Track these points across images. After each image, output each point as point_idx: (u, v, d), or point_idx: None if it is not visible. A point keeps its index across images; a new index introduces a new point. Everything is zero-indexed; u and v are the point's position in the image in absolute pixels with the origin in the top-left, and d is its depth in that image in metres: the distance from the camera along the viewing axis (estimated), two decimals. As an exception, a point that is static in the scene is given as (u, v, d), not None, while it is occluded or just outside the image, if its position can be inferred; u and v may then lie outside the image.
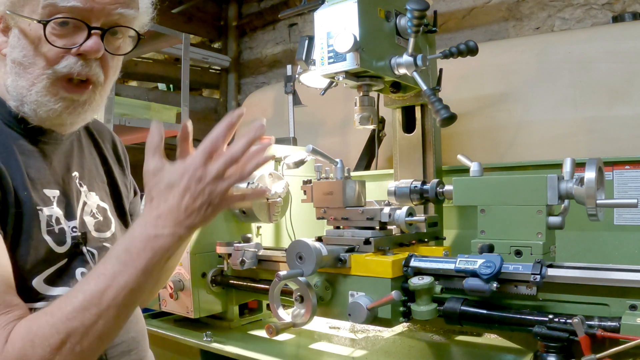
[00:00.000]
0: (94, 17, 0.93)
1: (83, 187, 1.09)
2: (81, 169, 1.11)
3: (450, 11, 3.18)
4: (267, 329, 1.31)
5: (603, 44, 1.88)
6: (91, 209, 1.09)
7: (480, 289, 1.11)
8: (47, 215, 0.97)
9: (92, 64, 0.96)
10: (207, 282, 1.64)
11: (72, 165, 1.09)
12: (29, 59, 0.94)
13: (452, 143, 1.95)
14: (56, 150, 1.05)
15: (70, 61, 0.94)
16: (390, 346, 1.44)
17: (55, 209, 1.00)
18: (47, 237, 0.96)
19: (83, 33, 0.93)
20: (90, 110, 1.01)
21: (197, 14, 4.59)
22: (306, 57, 1.63)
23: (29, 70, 0.94)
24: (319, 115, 2.68)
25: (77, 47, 0.93)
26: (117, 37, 1.00)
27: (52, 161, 1.04)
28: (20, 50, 0.94)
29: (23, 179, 0.94)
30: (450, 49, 1.42)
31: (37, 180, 0.98)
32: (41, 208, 0.96)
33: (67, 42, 0.93)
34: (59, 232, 0.99)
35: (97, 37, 0.94)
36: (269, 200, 1.72)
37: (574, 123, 1.88)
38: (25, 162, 0.97)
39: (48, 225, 0.97)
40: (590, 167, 1.12)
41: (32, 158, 0.99)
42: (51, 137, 1.04)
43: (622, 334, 0.98)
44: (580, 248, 1.58)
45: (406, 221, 1.36)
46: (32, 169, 0.98)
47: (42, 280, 0.94)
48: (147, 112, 3.30)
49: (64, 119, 0.99)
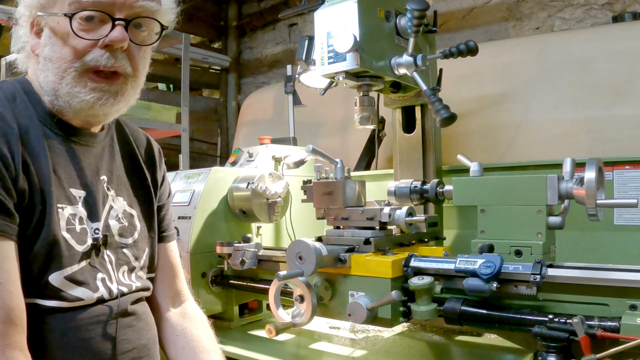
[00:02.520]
0: (116, 9, 0.97)
1: (110, 192, 1.11)
2: (110, 174, 1.12)
3: (450, 11, 3.18)
4: (267, 329, 1.32)
5: (603, 44, 1.88)
6: (117, 214, 1.10)
7: (480, 289, 1.11)
8: (69, 214, 0.99)
9: (119, 55, 0.99)
10: (207, 282, 1.64)
11: (102, 170, 1.10)
12: (58, 54, 0.98)
13: (452, 143, 1.95)
14: (87, 152, 1.07)
15: (97, 54, 0.97)
16: (390, 346, 1.44)
17: (80, 208, 1.02)
18: (66, 234, 0.97)
19: (107, 25, 0.97)
20: (122, 101, 1.04)
21: (197, 14, 4.59)
22: (306, 57, 1.63)
23: (58, 64, 0.98)
24: (319, 115, 2.68)
25: (103, 38, 0.97)
26: (141, 30, 1.04)
27: (82, 162, 1.06)
28: (50, 47, 0.99)
29: (49, 175, 0.96)
30: (450, 49, 1.42)
31: (64, 179, 1.00)
32: (62, 206, 0.98)
33: (94, 35, 0.97)
34: (80, 231, 1.00)
35: (121, 28, 0.97)
36: (269, 200, 1.72)
37: (574, 123, 1.88)
38: (54, 160, 0.99)
39: (68, 223, 0.99)
40: (590, 167, 1.12)
41: (61, 157, 1.01)
42: (83, 139, 1.07)
43: (622, 334, 0.98)
44: (580, 248, 1.58)
45: (406, 221, 1.36)
46: (60, 167, 1.00)
47: (63, 277, 0.96)
48: (147, 112, 3.30)
49: (96, 109, 1.01)
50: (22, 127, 0.96)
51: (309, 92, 2.13)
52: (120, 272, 1.08)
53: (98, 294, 1.00)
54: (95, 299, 1.00)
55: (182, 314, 1.24)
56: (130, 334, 1.06)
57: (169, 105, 3.49)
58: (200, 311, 1.28)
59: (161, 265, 1.23)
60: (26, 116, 0.99)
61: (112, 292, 1.03)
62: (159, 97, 4.27)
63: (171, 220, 1.31)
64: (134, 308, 1.08)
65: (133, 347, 1.06)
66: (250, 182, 1.69)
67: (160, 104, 3.44)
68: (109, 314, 1.02)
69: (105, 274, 1.03)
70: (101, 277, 1.02)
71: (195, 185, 1.68)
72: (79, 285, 0.98)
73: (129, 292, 1.08)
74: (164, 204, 1.27)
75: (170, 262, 1.26)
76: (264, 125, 2.98)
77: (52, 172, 0.98)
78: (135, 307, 1.09)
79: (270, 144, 1.97)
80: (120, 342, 1.03)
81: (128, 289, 1.08)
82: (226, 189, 1.73)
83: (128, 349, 1.04)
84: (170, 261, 1.26)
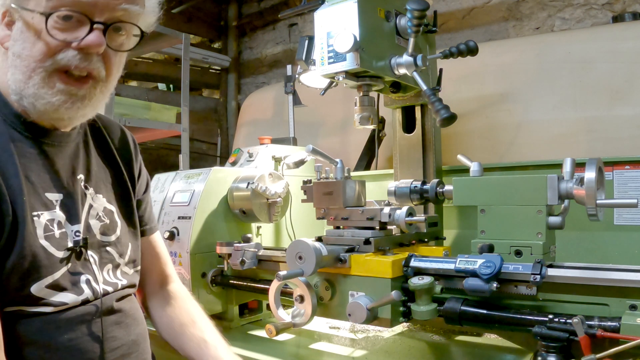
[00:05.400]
0: (97, 12, 0.92)
1: (89, 190, 1.08)
2: (87, 172, 1.09)
3: (450, 11, 3.18)
4: (267, 329, 1.32)
5: (603, 44, 1.88)
6: (97, 212, 1.08)
7: (480, 289, 1.11)
8: (47, 220, 0.96)
9: (93, 58, 0.95)
10: (207, 282, 1.64)
11: (78, 168, 1.07)
12: (28, 51, 0.93)
13: (452, 143, 1.94)
14: (60, 152, 1.04)
15: (69, 54, 0.92)
16: (390, 346, 1.44)
17: (57, 212, 0.99)
18: (45, 242, 0.95)
19: (85, 27, 0.92)
20: (90, 106, 0.99)
21: (197, 14, 4.59)
22: (306, 57, 1.63)
23: (27, 62, 0.93)
24: (319, 115, 2.68)
25: (77, 41, 0.92)
26: (120, 34, 0.98)
27: (56, 164, 1.02)
28: (21, 43, 0.94)
29: (20, 183, 0.93)
30: (450, 49, 1.42)
31: (38, 184, 0.97)
32: (38, 213, 0.95)
33: (69, 35, 0.92)
34: (59, 236, 0.98)
35: (99, 32, 0.93)
36: (269, 200, 1.72)
37: (574, 123, 1.88)
38: (24, 166, 0.95)
39: (46, 230, 0.96)
40: (590, 167, 1.12)
41: (33, 161, 0.98)
42: (54, 139, 1.03)
43: (622, 334, 0.98)
44: (580, 248, 1.58)
45: (406, 221, 1.36)
46: (33, 172, 0.97)
47: (44, 286, 0.93)
48: (147, 112, 3.30)
49: (61, 113, 0.97)
50: None
51: (309, 92, 2.13)
52: (105, 270, 1.06)
53: (83, 296, 0.99)
54: (80, 301, 0.98)
55: (166, 295, 1.26)
56: (118, 331, 1.05)
57: (169, 105, 3.50)
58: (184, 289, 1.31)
59: (147, 257, 1.24)
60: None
61: (97, 292, 1.02)
62: (159, 97, 4.28)
63: (152, 212, 1.30)
64: (120, 305, 1.07)
65: (122, 344, 1.05)
66: (250, 182, 1.68)
67: (160, 104, 3.45)
68: (94, 313, 1.01)
69: (89, 275, 1.02)
70: (85, 279, 1.01)
71: (195, 185, 1.68)
72: (62, 291, 0.96)
73: (114, 290, 1.06)
74: (142, 198, 1.25)
75: (156, 251, 1.28)
76: (264, 125, 2.98)
77: (25, 178, 0.94)
78: (121, 303, 1.08)
79: (270, 144, 1.97)
80: (108, 339, 1.02)
81: (114, 287, 1.06)
82: (226, 189, 1.73)
83: (116, 347, 1.04)
84: (156, 251, 1.28)
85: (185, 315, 1.22)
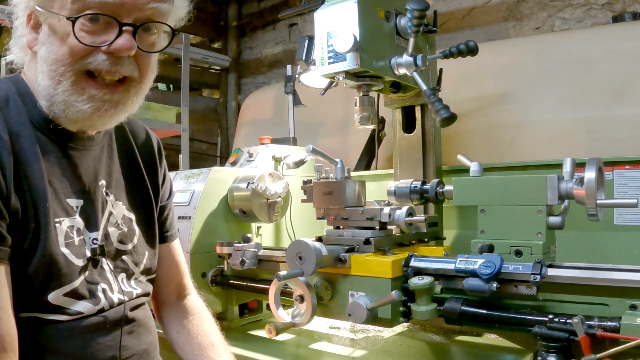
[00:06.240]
0: (125, 13, 0.89)
1: (110, 197, 1.06)
2: (109, 177, 1.07)
3: (450, 11, 3.18)
4: (267, 329, 1.32)
5: (603, 44, 1.88)
6: (116, 220, 1.06)
7: (480, 289, 1.11)
8: (67, 227, 0.95)
9: (125, 61, 0.91)
10: (207, 282, 1.64)
11: (100, 173, 1.05)
12: (54, 55, 0.90)
13: (452, 143, 1.94)
14: (84, 157, 1.01)
15: (99, 58, 0.90)
16: (390, 346, 1.44)
17: (77, 219, 0.97)
18: (65, 250, 0.93)
19: (114, 30, 0.89)
20: (123, 111, 0.96)
21: (197, 14, 4.54)
22: (306, 57, 1.63)
23: (54, 67, 0.90)
24: (319, 115, 2.68)
25: (107, 45, 0.89)
26: (150, 33, 0.95)
27: (79, 169, 1.00)
28: (48, 46, 0.91)
29: (44, 188, 0.91)
30: (450, 49, 1.42)
31: (60, 190, 0.95)
32: (60, 220, 0.93)
33: (97, 39, 0.89)
34: (78, 243, 0.96)
35: (128, 35, 0.89)
36: (269, 200, 1.72)
37: (574, 123, 1.88)
38: (49, 170, 0.93)
39: (67, 238, 0.94)
40: (590, 167, 1.12)
41: (56, 165, 0.96)
42: (80, 143, 1.00)
43: (622, 334, 0.98)
44: (580, 248, 1.58)
45: (406, 221, 1.36)
46: (55, 177, 0.95)
47: (63, 294, 0.92)
48: (147, 112, 3.30)
49: (94, 120, 0.95)
50: (14, 135, 0.89)
51: (309, 92, 2.13)
52: (119, 279, 1.05)
53: (99, 306, 0.98)
54: (96, 310, 0.97)
55: (182, 309, 1.23)
56: (130, 340, 1.04)
57: (169, 105, 3.49)
58: (201, 303, 1.27)
59: (165, 265, 1.21)
60: (19, 122, 0.92)
61: (112, 302, 1.01)
62: (159, 97, 4.27)
63: (174, 218, 1.28)
64: (134, 314, 1.06)
65: (133, 354, 1.04)
66: (250, 182, 1.68)
67: (160, 104, 3.44)
68: (109, 322, 1.00)
69: (106, 284, 1.01)
70: (102, 288, 0.99)
71: (195, 185, 1.68)
72: (80, 300, 0.95)
73: (129, 299, 1.05)
74: (166, 204, 1.23)
75: (175, 260, 1.25)
76: (264, 125, 2.98)
77: (48, 183, 0.92)
78: (135, 313, 1.07)
79: (270, 144, 1.97)
80: (121, 348, 1.01)
81: (129, 296, 1.05)
82: (226, 189, 1.73)
83: (128, 356, 1.03)
84: (175, 259, 1.25)
85: (204, 338, 1.18)
